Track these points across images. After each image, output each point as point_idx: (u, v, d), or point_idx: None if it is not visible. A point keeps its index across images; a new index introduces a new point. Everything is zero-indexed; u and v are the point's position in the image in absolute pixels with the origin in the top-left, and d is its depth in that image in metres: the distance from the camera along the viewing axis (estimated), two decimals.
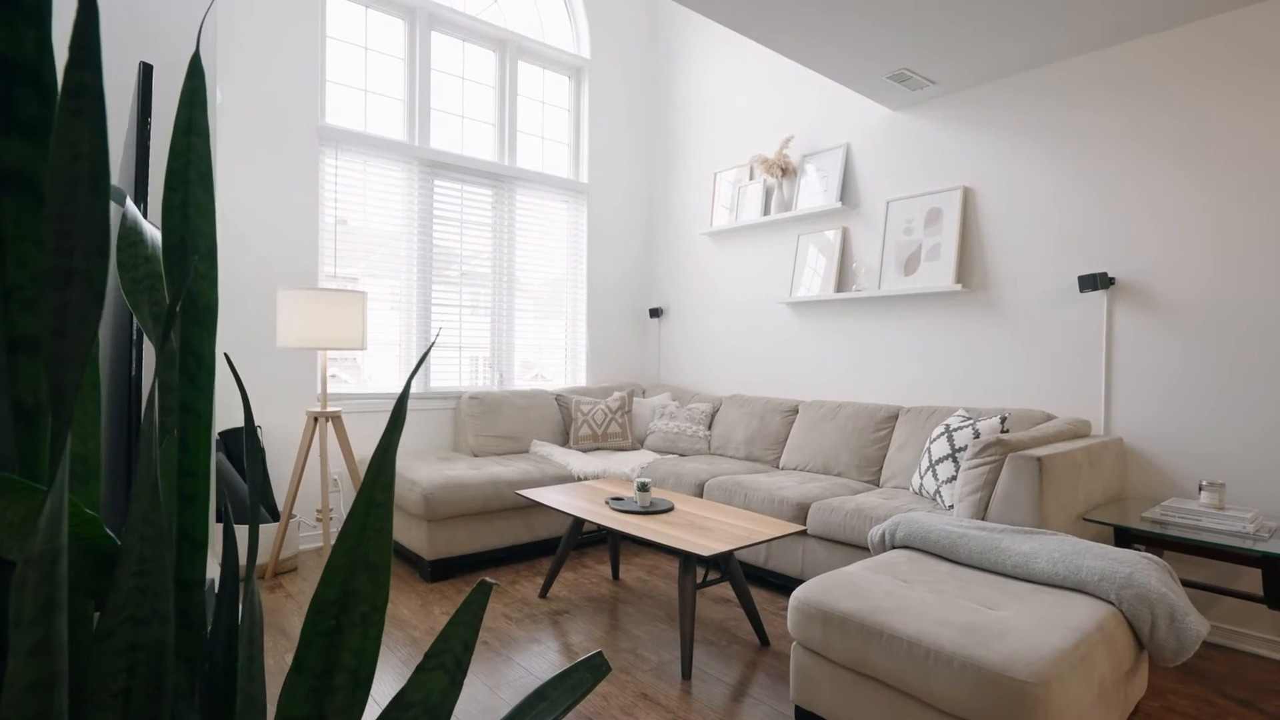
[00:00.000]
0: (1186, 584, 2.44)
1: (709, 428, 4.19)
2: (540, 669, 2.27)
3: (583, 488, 3.09)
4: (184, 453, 0.48)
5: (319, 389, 3.51)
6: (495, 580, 3.11)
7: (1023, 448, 2.38)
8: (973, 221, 3.31)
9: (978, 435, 2.68)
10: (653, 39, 5.17)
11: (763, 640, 2.47)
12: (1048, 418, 2.90)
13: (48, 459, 0.42)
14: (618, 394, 4.31)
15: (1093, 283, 2.80)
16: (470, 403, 3.95)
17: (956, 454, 2.71)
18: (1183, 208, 2.66)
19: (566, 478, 3.55)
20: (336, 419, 3.14)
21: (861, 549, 2.70)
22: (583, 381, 4.86)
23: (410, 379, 0.50)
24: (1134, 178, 2.79)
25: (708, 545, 2.20)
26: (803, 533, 2.89)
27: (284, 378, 3.52)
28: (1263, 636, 2.44)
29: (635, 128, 5.09)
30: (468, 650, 0.48)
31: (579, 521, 2.81)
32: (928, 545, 2.15)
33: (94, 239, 0.34)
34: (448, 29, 4.16)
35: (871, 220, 3.72)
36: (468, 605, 0.49)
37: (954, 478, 2.69)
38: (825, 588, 1.84)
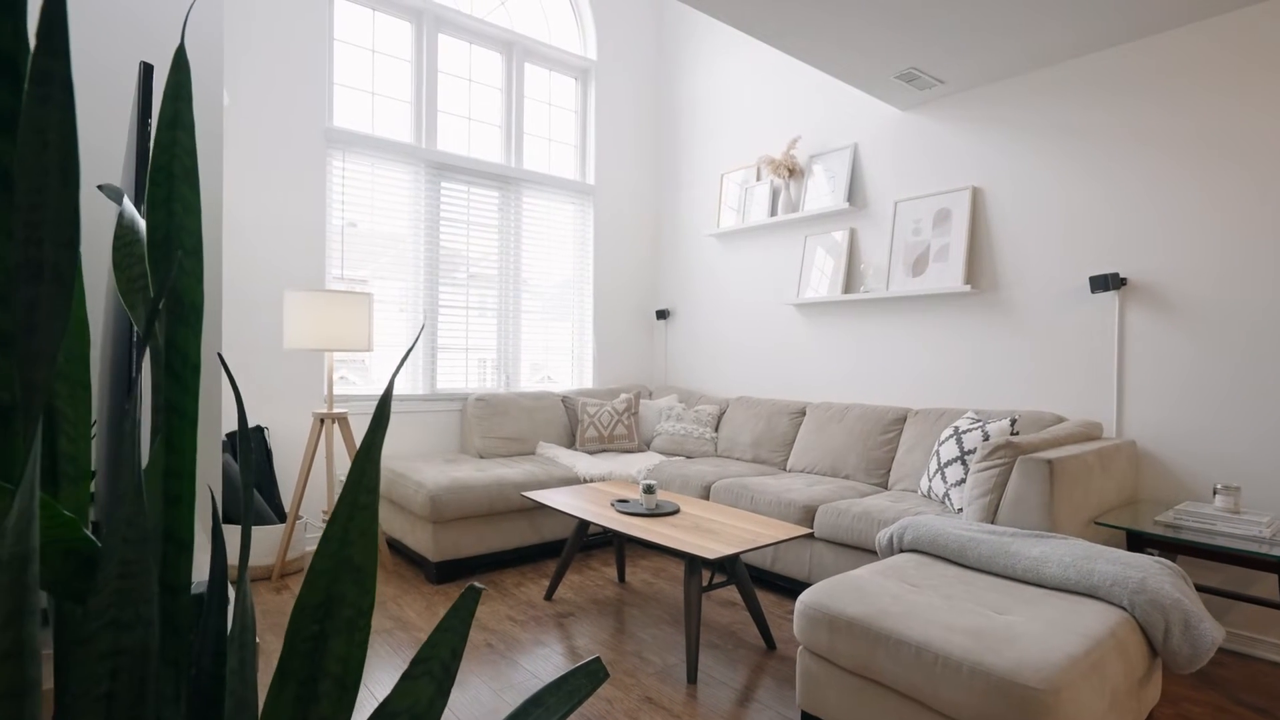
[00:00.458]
0: (1201, 589, 2.40)
1: (716, 430, 4.17)
2: (545, 672, 2.25)
3: (588, 490, 3.08)
4: (170, 453, 0.47)
5: (326, 390, 3.51)
6: (500, 582, 3.10)
7: (1033, 450, 2.35)
8: (982, 222, 3.28)
9: (987, 437, 2.65)
10: (659, 40, 5.16)
11: (769, 644, 2.45)
12: (1058, 420, 2.87)
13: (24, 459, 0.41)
14: (624, 396, 4.30)
15: (1104, 283, 2.77)
16: (476, 404, 3.94)
17: (965, 456, 2.68)
18: (1195, 207, 2.63)
19: (572, 480, 3.53)
20: (343, 420, 3.15)
21: (869, 552, 2.67)
22: (589, 383, 4.85)
23: (393, 378, 0.49)
24: (1145, 178, 2.75)
25: (713, 548, 2.18)
26: (810, 536, 2.86)
27: (291, 379, 3.53)
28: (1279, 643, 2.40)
29: (642, 129, 5.08)
30: (456, 657, 0.47)
31: (584, 524, 2.79)
32: (936, 549, 2.12)
33: (64, 231, 0.33)
34: (454, 31, 4.17)
35: (879, 221, 3.70)
36: (456, 611, 0.47)
37: (963, 480, 2.66)
38: (832, 592, 1.82)
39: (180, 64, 0.49)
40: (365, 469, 0.42)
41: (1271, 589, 2.42)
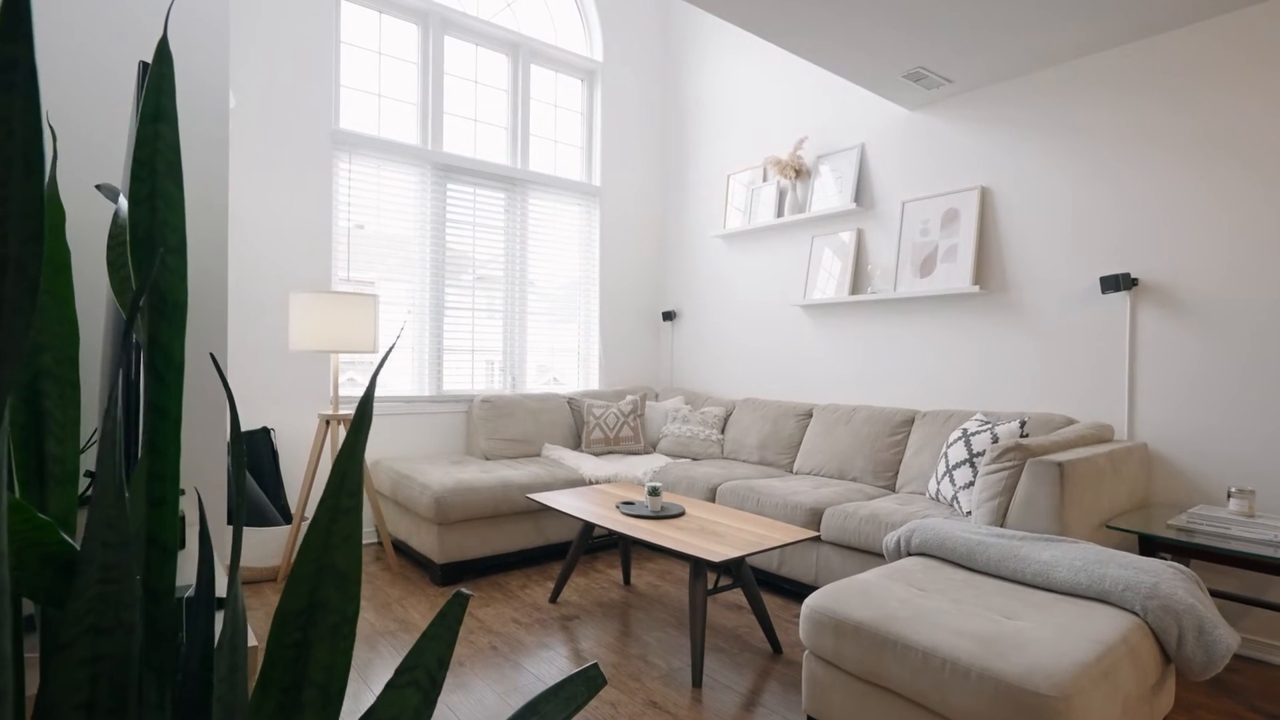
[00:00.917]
0: (1215, 594, 2.36)
1: (722, 431, 4.15)
2: (549, 675, 2.24)
3: (593, 491, 3.06)
4: (153, 455, 0.46)
5: (331, 392, 3.52)
6: (505, 584, 3.09)
7: (1043, 452, 2.32)
8: (990, 222, 3.24)
9: (996, 440, 2.62)
10: (665, 41, 5.15)
11: (775, 648, 2.43)
12: (1069, 422, 2.83)
13: None
14: (630, 397, 4.28)
15: (1115, 283, 2.73)
16: (482, 406, 3.94)
17: (974, 459, 2.65)
18: (1208, 207, 2.59)
19: (578, 481, 3.52)
20: (348, 422, 3.15)
21: (876, 556, 2.64)
22: (595, 385, 4.83)
23: (373, 379, 0.47)
24: (1153, 178, 2.72)
25: (719, 551, 2.16)
26: (816, 539, 2.84)
27: (298, 381, 3.54)
28: None
29: (648, 130, 5.07)
30: (442, 666, 0.45)
31: (589, 526, 2.78)
32: (944, 552, 2.10)
33: (29, 224, 0.32)
34: (460, 33, 4.17)
35: (887, 221, 3.67)
36: (442, 618, 0.46)
37: (971, 483, 2.63)
38: (838, 595, 1.80)
39: (163, 56, 0.48)
40: (347, 472, 0.40)
41: None
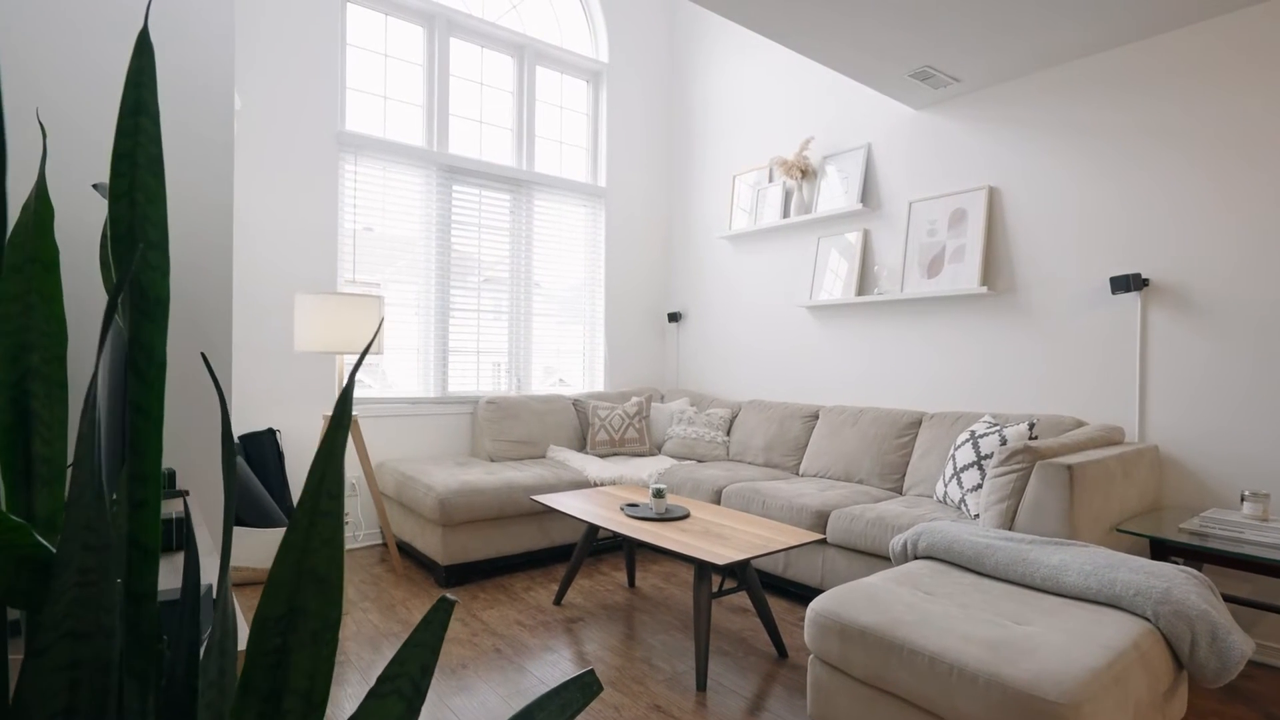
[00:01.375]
0: (1228, 599, 2.33)
1: (727, 433, 4.13)
2: (553, 678, 2.23)
3: (598, 493, 3.05)
4: (133, 456, 0.45)
5: (336, 393, 3.52)
6: (510, 586, 3.08)
7: (1052, 455, 2.29)
8: (998, 222, 3.21)
9: (1004, 442, 2.59)
10: (670, 42, 5.15)
11: (780, 652, 2.41)
12: (1078, 424, 2.80)
13: None
14: (635, 399, 4.27)
15: (1125, 284, 2.70)
16: (487, 407, 3.94)
17: (982, 461, 2.62)
18: (1217, 207, 2.55)
19: (583, 483, 3.51)
20: (354, 423, 3.15)
21: (883, 559, 2.62)
22: (601, 386, 4.82)
23: (352, 376, 0.46)
24: (1164, 177, 2.68)
25: (723, 553, 2.14)
26: (822, 541, 2.81)
27: (305, 382, 3.55)
28: None
29: (653, 131, 5.06)
30: (426, 674, 0.44)
31: (594, 528, 2.77)
32: (951, 556, 2.07)
33: None
34: (466, 35, 4.17)
35: (893, 222, 3.64)
36: (427, 624, 0.45)
37: (979, 486, 2.60)
38: (844, 599, 1.78)
39: (143, 48, 0.47)
40: (326, 472, 0.39)
41: None
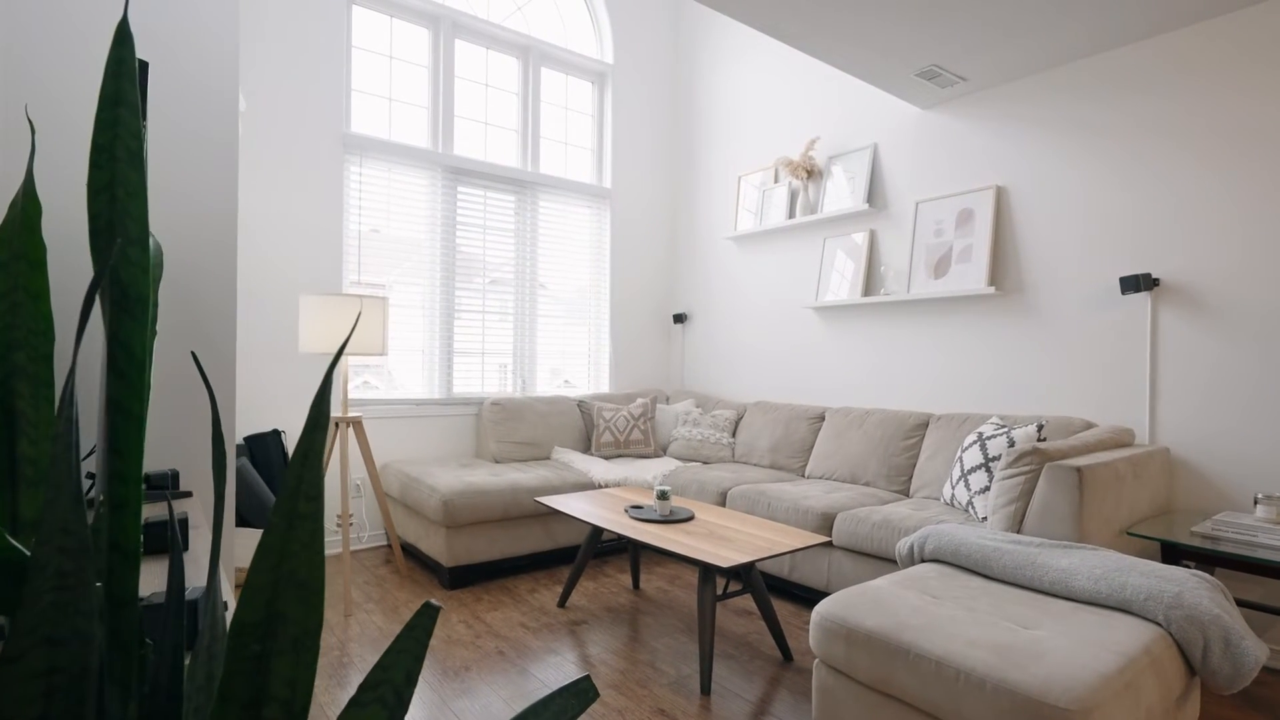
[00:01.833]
0: (1241, 604, 2.29)
1: (733, 435, 4.11)
2: (556, 681, 2.22)
3: (603, 495, 3.04)
4: (113, 456, 0.44)
5: (341, 394, 3.52)
6: (514, 588, 3.07)
7: (1061, 457, 2.26)
8: (1006, 222, 3.19)
9: (1012, 444, 2.56)
10: (676, 43, 5.14)
11: (785, 655, 2.39)
12: (1088, 426, 2.76)
13: None
14: (640, 400, 4.26)
15: (1135, 284, 2.67)
16: (492, 409, 3.93)
17: (990, 463, 2.60)
18: (1227, 207, 2.52)
19: (587, 485, 3.50)
20: (358, 424, 3.14)
21: (889, 562, 2.59)
22: (605, 388, 4.81)
23: (328, 374, 0.45)
24: (1173, 176, 2.65)
25: (728, 556, 2.12)
26: (828, 544, 2.79)
27: (309, 383, 3.55)
28: None
29: (658, 132, 5.05)
30: (410, 682, 0.43)
31: (598, 530, 2.75)
32: (959, 559, 2.05)
33: None
34: (471, 37, 4.18)
35: (900, 222, 3.62)
36: (410, 630, 0.44)
37: (987, 488, 2.57)
38: (849, 603, 1.76)
39: (123, 39, 0.46)
40: (303, 475, 0.38)
41: None
